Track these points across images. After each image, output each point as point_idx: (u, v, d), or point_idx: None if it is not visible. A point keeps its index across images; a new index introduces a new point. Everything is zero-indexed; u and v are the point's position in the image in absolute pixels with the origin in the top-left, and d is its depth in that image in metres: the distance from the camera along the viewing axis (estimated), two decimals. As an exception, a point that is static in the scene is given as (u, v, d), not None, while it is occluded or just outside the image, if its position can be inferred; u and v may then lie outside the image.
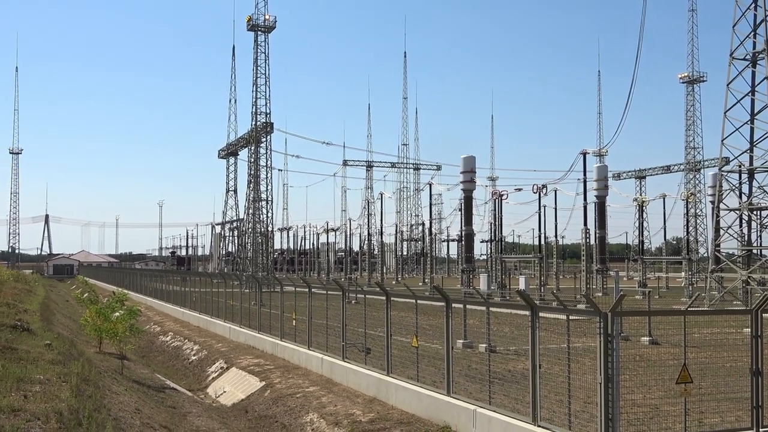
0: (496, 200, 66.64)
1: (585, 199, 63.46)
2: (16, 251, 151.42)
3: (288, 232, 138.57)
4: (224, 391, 24.36)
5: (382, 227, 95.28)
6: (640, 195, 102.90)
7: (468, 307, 24.92)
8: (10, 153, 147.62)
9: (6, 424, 9.87)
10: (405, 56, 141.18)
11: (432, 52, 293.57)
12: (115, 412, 14.23)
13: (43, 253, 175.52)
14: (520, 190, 74.61)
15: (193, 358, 31.41)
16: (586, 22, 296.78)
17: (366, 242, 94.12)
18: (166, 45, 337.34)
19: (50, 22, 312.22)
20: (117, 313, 27.69)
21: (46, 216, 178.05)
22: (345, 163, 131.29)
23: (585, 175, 63.49)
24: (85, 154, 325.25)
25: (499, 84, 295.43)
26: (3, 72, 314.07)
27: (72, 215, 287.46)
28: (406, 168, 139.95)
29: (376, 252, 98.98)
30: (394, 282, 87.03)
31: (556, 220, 70.08)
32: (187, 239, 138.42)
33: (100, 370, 19.82)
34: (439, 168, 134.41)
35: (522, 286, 46.19)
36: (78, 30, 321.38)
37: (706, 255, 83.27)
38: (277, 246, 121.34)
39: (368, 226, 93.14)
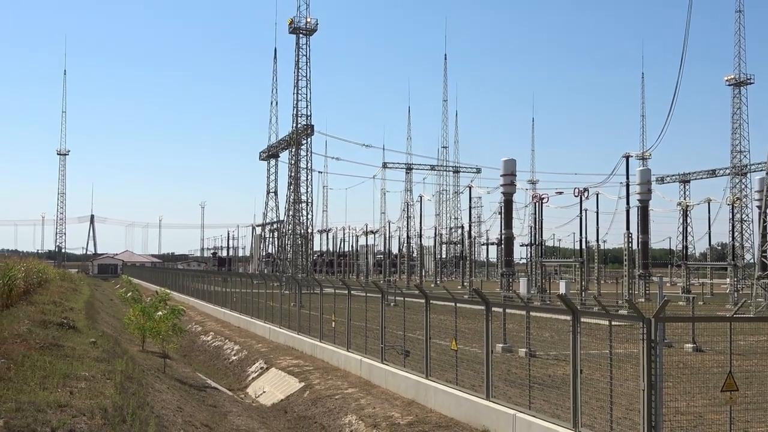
0: (537, 204, 66.06)
1: (627, 203, 62.47)
2: (63, 250, 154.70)
3: (327, 234, 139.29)
4: (264, 391, 24.56)
5: (421, 230, 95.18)
6: (684, 199, 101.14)
7: (507, 311, 24.75)
8: (58, 154, 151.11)
9: (53, 419, 10.11)
10: (445, 59, 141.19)
11: (472, 55, 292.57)
12: (158, 409, 14.46)
13: (88, 252, 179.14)
14: (561, 193, 73.78)
15: (234, 358, 31.73)
16: (630, 23, 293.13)
17: (405, 245, 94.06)
18: (209, 47, 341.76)
19: (96, 24, 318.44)
20: (160, 312, 28.10)
21: (92, 216, 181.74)
22: (384, 165, 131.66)
23: (628, 178, 62.47)
24: (130, 156, 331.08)
25: (540, 86, 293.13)
26: (51, 75, 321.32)
27: (117, 215, 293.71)
28: (446, 171, 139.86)
29: (415, 255, 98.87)
30: (433, 285, 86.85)
31: (597, 224, 69.07)
32: (228, 240, 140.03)
33: (143, 368, 20.15)
34: (478, 171, 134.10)
35: (562, 290, 45.70)
36: (123, 32, 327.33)
37: (752, 261, 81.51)
38: (316, 248, 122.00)
39: (407, 228, 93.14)
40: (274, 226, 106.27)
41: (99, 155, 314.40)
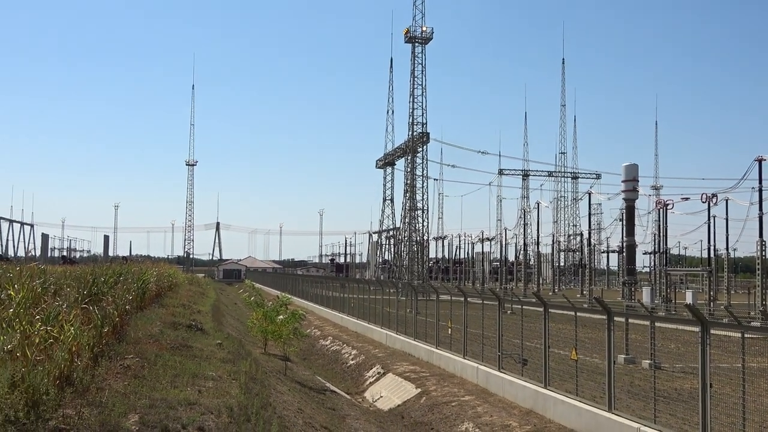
0: (660, 210, 63.68)
1: (760, 209, 58.97)
2: (191, 256, 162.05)
3: (443, 241, 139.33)
4: (381, 396, 24.82)
5: (538, 237, 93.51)
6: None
7: (630, 321, 23.97)
8: (187, 165, 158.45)
9: (183, 415, 10.62)
10: (563, 63, 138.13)
11: (591, 59, 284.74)
12: (280, 410, 14.89)
13: (214, 257, 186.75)
14: (687, 199, 70.62)
15: (351, 362, 32.24)
16: (760, 20, 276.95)
17: (522, 252, 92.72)
18: (327, 58, 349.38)
19: (221, 42, 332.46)
20: (281, 317, 28.90)
21: (217, 223, 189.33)
22: (500, 172, 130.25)
23: (761, 183, 59.08)
24: (253, 165, 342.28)
25: (663, 89, 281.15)
26: (181, 89, 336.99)
27: (240, 222, 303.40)
28: (564, 177, 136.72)
29: (531, 262, 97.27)
30: (550, 293, 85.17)
31: (727, 232, 65.58)
32: (345, 247, 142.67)
33: (265, 369, 20.80)
34: (598, 177, 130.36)
35: (689, 300, 43.74)
36: (244, 48, 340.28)
37: None
38: (432, 255, 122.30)
39: (524, 235, 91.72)
40: (391, 233, 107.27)
41: (224, 165, 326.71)
